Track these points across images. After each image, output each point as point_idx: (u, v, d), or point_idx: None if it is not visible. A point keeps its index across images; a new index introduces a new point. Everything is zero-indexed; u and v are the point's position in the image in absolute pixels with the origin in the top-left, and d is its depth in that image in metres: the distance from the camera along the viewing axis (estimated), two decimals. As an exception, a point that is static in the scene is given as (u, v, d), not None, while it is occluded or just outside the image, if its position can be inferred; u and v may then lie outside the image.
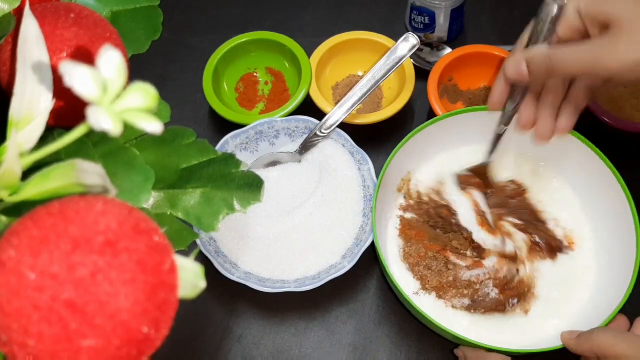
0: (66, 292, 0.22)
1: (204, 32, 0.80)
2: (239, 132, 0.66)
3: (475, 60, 0.72)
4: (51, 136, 0.32)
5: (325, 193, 0.64)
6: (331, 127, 0.65)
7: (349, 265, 0.59)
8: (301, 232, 0.62)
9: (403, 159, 0.62)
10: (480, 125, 0.62)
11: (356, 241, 0.62)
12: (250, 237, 0.62)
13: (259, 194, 0.39)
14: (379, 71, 0.66)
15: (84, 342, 0.23)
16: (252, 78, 0.76)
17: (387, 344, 0.61)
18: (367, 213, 0.63)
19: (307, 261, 0.61)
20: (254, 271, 0.61)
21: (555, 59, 0.49)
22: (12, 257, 0.23)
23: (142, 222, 0.25)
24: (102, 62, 0.23)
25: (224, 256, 0.61)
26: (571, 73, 0.51)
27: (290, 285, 0.59)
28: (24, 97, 0.28)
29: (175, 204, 0.38)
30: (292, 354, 0.60)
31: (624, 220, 0.57)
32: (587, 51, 0.48)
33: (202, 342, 0.61)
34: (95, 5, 0.38)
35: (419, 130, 0.61)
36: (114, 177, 0.29)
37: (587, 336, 0.49)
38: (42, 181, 0.27)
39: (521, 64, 0.52)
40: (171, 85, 0.76)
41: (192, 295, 0.26)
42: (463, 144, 0.65)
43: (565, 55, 0.49)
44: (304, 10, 0.82)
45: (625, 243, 0.57)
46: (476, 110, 0.62)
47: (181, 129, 0.38)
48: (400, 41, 0.67)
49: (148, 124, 0.23)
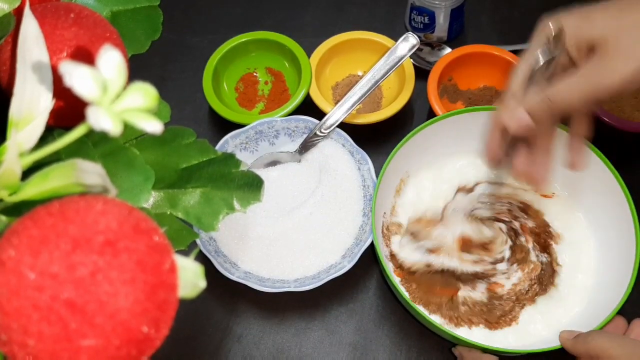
0: (66, 292, 0.22)
1: (204, 32, 0.80)
2: (239, 132, 0.66)
3: (475, 60, 0.72)
4: (51, 136, 0.32)
5: (325, 193, 0.64)
6: (331, 127, 0.65)
7: (349, 265, 0.59)
8: (301, 232, 0.62)
9: (403, 159, 0.62)
10: (480, 125, 0.62)
11: (356, 241, 0.62)
12: (250, 237, 0.62)
13: (259, 194, 0.39)
14: (379, 71, 0.66)
15: (84, 342, 0.23)
16: (252, 78, 0.76)
17: (387, 343, 0.61)
18: (367, 213, 0.63)
19: (307, 261, 0.61)
20: (254, 271, 0.61)
21: (555, 97, 0.48)
22: (12, 257, 0.23)
23: (142, 222, 0.25)
24: (102, 62, 0.23)
25: (224, 256, 0.61)
26: (574, 105, 0.49)
27: (290, 285, 0.59)
28: (24, 97, 0.28)
29: (175, 203, 0.38)
30: (292, 354, 0.60)
31: (624, 221, 0.57)
32: (583, 79, 0.47)
33: (202, 342, 0.61)
34: (95, 5, 0.38)
35: (419, 130, 0.61)
36: (114, 177, 0.29)
37: (584, 338, 0.50)
38: (42, 181, 0.27)
39: (523, 116, 0.50)
40: (171, 85, 0.76)
41: (192, 295, 0.26)
42: (463, 144, 0.65)
43: (563, 91, 0.48)
44: (304, 10, 0.82)
45: (624, 244, 0.57)
46: (476, 110, 0.62)
47: (181, 129, 0.38)
48: (400, 41, 0.67)
49: (148, 124, 0.23)
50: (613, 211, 0.59)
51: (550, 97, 0.49)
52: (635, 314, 0.54)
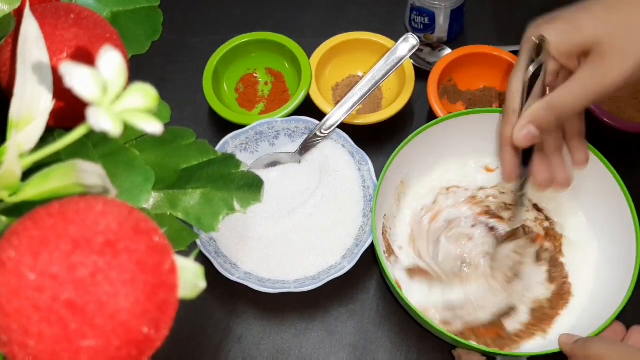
0: (66, 293, 0.22)
1: (204, 33, 0.80)
2: (239, 132, 0.66)
3: (475, 61, 0.72)
4: (51, 137, 0.32)
5: (326, 194, 0.64)
6: (331, 128, 0.65)
7: (349, 266, 0.59)
8: (301, 232, 0.62)
9: (404, 160, 0.61)
10: (481, 126, 0.62)
11: (356, 242, 0.62)
12: (250, 237, 0.62)
13: (259, 195, 0.39)
14: (379, 72, 0.66)
15: (84, 343, 0.23)
16: (252, 79, 0.76)
17: (387, 344, 0.61)
18: (367, 213, 0.63)
19: (307, 262, 0.61)
20: (254, 272, 0.61)
21: (558, 105, 0.49)
22: (12, 258, 0.23)
23: (143, 223, 0.25)
24: (102, 62, 0.23)
25: (224, 256, 0.61)
26: (578, 109, 0.50)
27: (290, 285, 0.59)
28: (24, 98, 0.28)
29: (175, 204, 0.38)
30: (292, 355, 0.60)
31: (624, 224, 0.57)
32: (583, 82, 0.48)
33: (203, 342, 0.61)
34: (96, 6, 0.38)
35: (420, 132, 0.61)
36: (114, 177, 0.29)
37: (583, 343, 0.50)
38: (42, 182, 0.27)
39: (529, 128, 0.51)
40: (171, 86, 0.76)
41: (193, 295, 0.26)
42: (464, 146, 0.65)
43: (566, 97, 0.49)
44: (304, 11, 0.82)
45: (625, 246, 0.57)
46: (478, 112, 0.62)
47: (181, 129, 0.38)
48: (400, 42, 0.67)
49: (148, 124, 0.23)
50: (613, 213, 0.59)
51: (553, 105, 0.49)
52: (635, 319, 0.54)
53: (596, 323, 0.53)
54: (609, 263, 0.59)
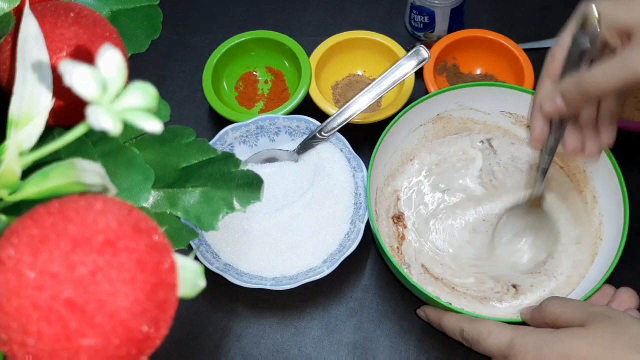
0: (66, 291, 0.22)
1: (204, 32, 0.80)
2: (240, 124, 0.66)
3: (478, 45, 0.72)
4: (51, 135, 0.32)
5: (316, 195, 0.64)
6: (331, 131, 0.65)
7: (327, 270, 0.59)
8: (286, 231, 0.62)
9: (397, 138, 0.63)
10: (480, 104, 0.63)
11: (340, 247, 0.61)
12: (235, 229, 0.62)
13: (258, 193, 0.39)
14: (386, 82, 0.65)
15: (83, 341, 0.23)
16: (252, 77, 0.76)
17: (386, 343, 0.61)
18: (354, 221, 0.63)
19: (288, 261, 0.61)
20: (234, 264, 0.61)
21: (587, 82, 0.48)
22: (11, 256, 0.23)
23: (142, 222, 0.25)
24: (102, 61, 0.23)
25: (207, 245, 0.61)
26: (606, 92, 0.49)
27: (267, 282, 0.59)
28: (23, 97, 0.28)
29: (175, 203, 0.38)
30: (291, 353, 0.60)
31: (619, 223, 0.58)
32: (618, 65, 0.47)
33: (202, 341, 0.61)
34: (95, 5, 0.38)
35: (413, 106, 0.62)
36: (113, 176, 0.29)
37: (539, 307, 0.52)
38: (41, 180, 0.27)
39: (556, 98, 0.51)
40: (171, 85, 0.76)
41: (192, 294, 0.27)
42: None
43: (597, 77, 0.48)
44: (304, 10, 0.82)
45: (613, 240, 0.58)
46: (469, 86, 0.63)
47: (181, 128, 0.38)
48: (411, 53, 0.65)
49: (148, 123, 0.23)
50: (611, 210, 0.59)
51: (583, 82, 0.48)
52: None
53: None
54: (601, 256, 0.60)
